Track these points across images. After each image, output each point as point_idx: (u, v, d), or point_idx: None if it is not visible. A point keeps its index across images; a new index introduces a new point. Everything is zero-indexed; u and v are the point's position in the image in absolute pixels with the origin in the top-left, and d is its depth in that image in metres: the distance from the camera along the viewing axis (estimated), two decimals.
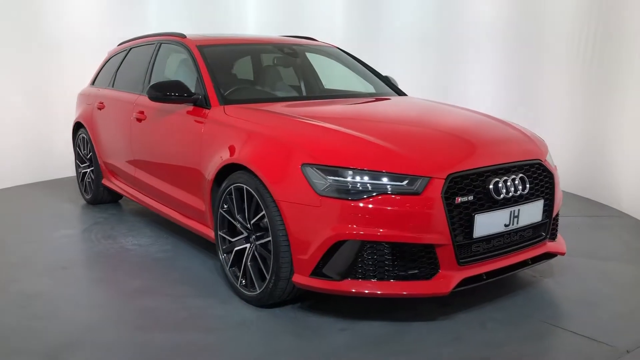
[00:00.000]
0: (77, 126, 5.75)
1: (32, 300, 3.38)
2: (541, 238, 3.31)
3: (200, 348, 2.83)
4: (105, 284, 3.70)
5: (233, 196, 3.31)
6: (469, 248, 2.96)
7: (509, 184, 3.04)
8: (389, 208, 2.80)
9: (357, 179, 2.85)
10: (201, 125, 3.73)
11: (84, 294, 3.53)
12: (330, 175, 2.88)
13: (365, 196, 2.82)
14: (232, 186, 3.31)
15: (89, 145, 5.48)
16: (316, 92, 4.68)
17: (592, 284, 3.58)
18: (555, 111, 6.18)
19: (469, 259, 2.96)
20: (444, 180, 2.85)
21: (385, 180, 2.85)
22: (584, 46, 5.73)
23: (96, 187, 5.46)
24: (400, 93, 4.67)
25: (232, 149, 3.38)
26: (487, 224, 2.97)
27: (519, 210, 3.08)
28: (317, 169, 2.91)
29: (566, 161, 5.90)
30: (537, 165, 3.27)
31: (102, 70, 5.75)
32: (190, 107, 3.89)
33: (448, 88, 7.11)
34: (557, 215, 3.52)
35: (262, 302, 3.19)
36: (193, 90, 3.90)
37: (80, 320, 3.14)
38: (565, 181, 6.02)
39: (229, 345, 2.85)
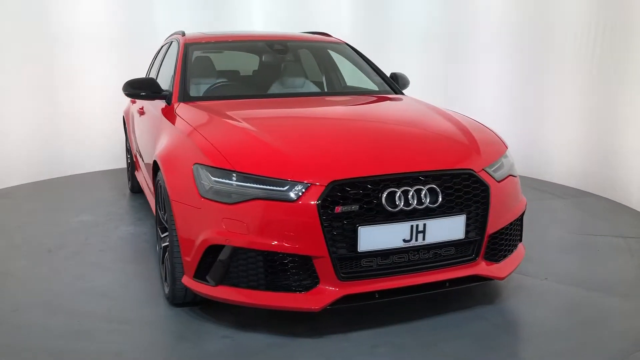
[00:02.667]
0: (124, 120, 6.17)
1: None
2: (468, 258, 2.93)
3: (83, 337, 2.90)
4: (69, 270, 3.87)
5: (159, 192, 3.35)
6: (356, 262, 2.71)
7: (410, 194, 2.73)
8: (261, 214, 2.66)
9: (239, 182, 2.74)
10: (160, 121, 3.81)
11: (43, 277, 3.74)
12: (215, 177, 2.79)
13: (240, 201, 2.70)
14: (158, 182, 3.35)
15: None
16: (298, 89, 4.48)
17: (551, 315, 3.09)
18: (562, 109, 6.01)
19: (356, 275, 2.71)
20: (324, 188, 2.64)
21: (264, 185, 2.70)
22: (592, 43, 5.49)
23: (132, 177, 5.82)
24: (397, 92, 4.38)
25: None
26: (377, 237, 2.69)
27: (424, 224, 2.75)
28: (206, 170, 2.83)
29: (574, 159, 5.81)
30: (465, 176, 2.89)
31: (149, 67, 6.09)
32: (164, 104, 3.99)
33: (452, 87, 7.00)
34: (504, 233, 3.08)
35: (172, 301, 3.19)
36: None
37: (13, 302, 3.36)
38: (573, 179, 5.78)
39: (104, 339, 2.89)
